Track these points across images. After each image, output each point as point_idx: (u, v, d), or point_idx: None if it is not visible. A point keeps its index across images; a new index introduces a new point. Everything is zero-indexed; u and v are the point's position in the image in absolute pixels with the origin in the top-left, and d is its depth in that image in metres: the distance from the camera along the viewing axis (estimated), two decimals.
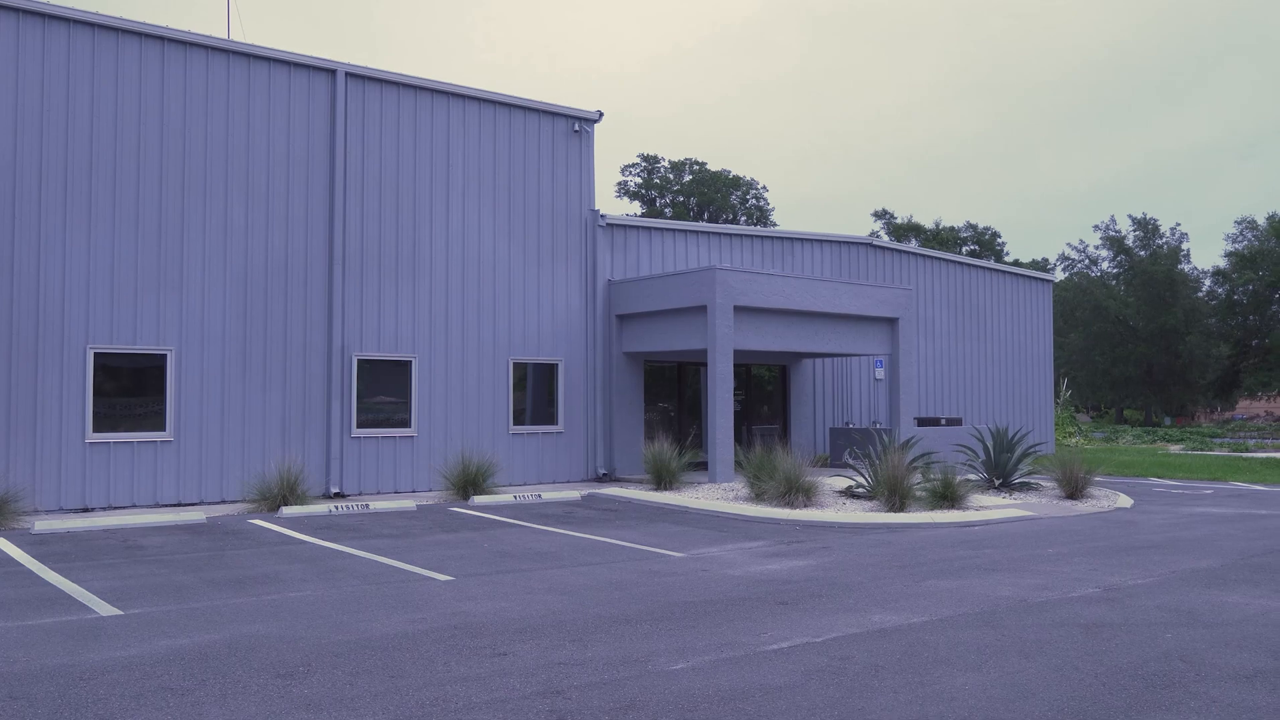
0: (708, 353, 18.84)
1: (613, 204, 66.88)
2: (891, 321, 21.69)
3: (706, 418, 19.60)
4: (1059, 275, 69.78)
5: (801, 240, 24.44)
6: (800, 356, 23.49)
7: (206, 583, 9.48)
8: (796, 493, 15.66)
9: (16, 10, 14.74)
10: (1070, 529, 13.91)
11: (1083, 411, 73.42)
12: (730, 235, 23.25)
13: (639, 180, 68.31)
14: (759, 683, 6.15)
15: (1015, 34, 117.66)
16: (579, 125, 20.32)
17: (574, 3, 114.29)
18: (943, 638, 7.35)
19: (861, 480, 16.79)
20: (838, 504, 15.97)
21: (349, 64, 17.47)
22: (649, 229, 21.74)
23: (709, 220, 65.39)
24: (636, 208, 67.43)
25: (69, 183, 15.06)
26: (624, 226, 21.22)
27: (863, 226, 75.01)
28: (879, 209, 73.80)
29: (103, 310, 15.25)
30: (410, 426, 17.93)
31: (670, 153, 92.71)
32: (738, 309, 18.92)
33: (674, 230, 22.18)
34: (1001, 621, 7.89)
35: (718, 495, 16.93)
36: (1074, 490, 17.31)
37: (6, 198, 14.59)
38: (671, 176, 68.24)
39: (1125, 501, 17.28)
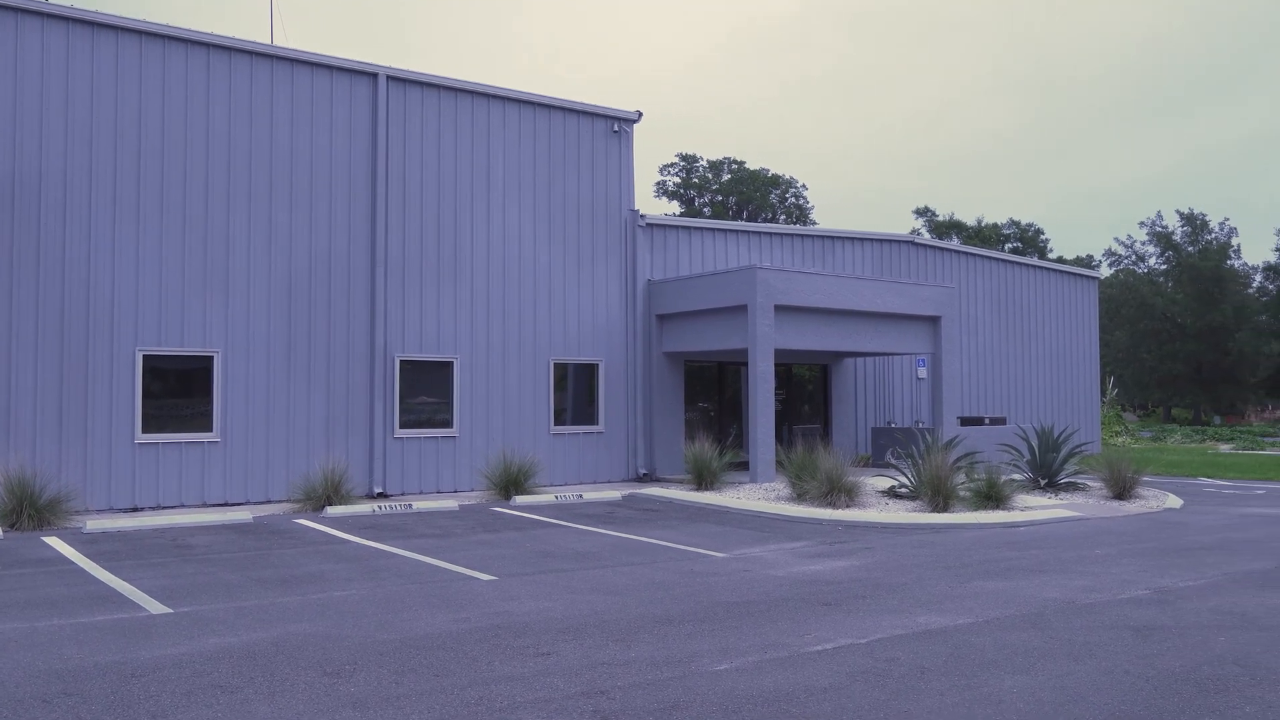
0: (748, 352, 18.77)
1: (651, 204, 66.89)
2: (934, 320, 21.50)
3: (747, 418, 19.51)
4: (1105, 272, 68.65)
5: (842, 239, 24.30)
6: (842, 356, 23.35)
7: (254, 581, 9.60)
8: (839, 493, 15.57)
9: (56, 17, 15.02)
10: (1118, 530, 13.71)
11: (1129, 410, 72.26)
12: (770, 234, 23.17)
13: (678, 180, 68.22)
14: (803, 684, 6.12)
15: (1055, 26, 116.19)
16: (618, 125, 20.33)
17: (610, 4, 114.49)
18: (989, 640, 7.27)
19: (904, 480, 16.66)
20: (880, 504, 15.86)
21: (390, 67, 17.62)
22: (689, 228, 21.71)
23: (748, 219, 65.17)
24: (675, 207, 67.34)
25: (118, 189, 15.31)
26: (664, 226, 21.21)
27: (904, 224, 74.38)
28: (920, 207, 73.05)
29: (151, 313, 15.49)
30: (452, 427, 18.04)
31: (709, 152, 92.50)
32: (778, 308, 18.84)
33: (714, 230, 22.14)
34: (1049, 624, 7.79)
35: (759, 495, 16.87)
36: (1122, 490, 17.04)
37: (57, 204, 14.88)
38: (710, 176, 68.08)
39: (1174, 502, 16.99)
